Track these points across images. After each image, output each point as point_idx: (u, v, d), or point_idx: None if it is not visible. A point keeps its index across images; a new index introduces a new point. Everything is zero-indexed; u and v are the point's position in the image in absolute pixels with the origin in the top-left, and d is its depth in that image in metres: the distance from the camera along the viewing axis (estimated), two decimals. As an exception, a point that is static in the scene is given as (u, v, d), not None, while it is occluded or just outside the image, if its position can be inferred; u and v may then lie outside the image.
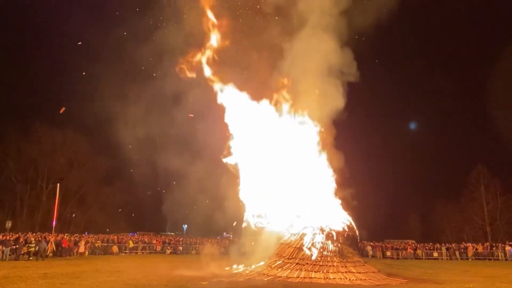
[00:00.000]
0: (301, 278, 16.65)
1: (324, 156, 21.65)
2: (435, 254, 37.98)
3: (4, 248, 24.53)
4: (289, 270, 17.42)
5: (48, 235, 30.82)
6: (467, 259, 36.09)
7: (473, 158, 52.60)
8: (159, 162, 32.26)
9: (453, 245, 40.24)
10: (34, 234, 32.84)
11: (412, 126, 63.96)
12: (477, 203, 50.91)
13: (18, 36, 62.89)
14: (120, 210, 48.70)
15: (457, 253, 37.49)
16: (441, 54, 66.87)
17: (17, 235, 29.04)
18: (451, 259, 36.63)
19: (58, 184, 34.08)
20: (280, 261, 18.28)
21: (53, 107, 50.54)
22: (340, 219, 20.16)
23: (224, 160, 22.00)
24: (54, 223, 31.71)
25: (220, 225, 23.70)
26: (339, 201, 21.03)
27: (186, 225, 57.08)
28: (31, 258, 25.40)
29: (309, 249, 18.59)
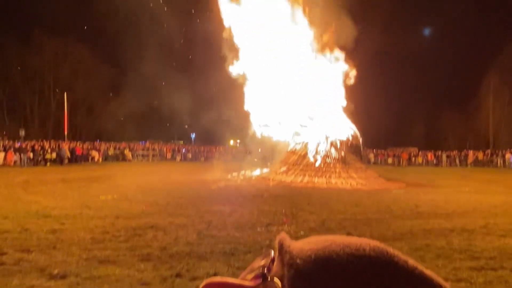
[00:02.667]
0: (304, 182, 17.53)
1: (331, 62, 21.15)
2: (435, 161, 39.23)
3: (22, 155, 25.70)
4: (293, 176, 18.28)
5: (62, 143, 31.99)
6: (467, 166, 37.28)
7: (484, 66, 51.05)
8: (165, 71, 31.86)
9: (454, 152, 41.27)
10: (48, 142, 34.08)
11: (424, 32, 60.97)
12: (484, 112, 50.88)
13: None
14: (128, 118, 49.60)
15: (457, 160, 38.63)
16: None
17: (32, 143, 30.20)
18: (451, 165, 37.87)
19: (65, 93, 34.29)
20: (285, 168, 19.08)
21: (51, 14, 48.38)
22: (345, 127, 20.45)
23: (231, 69, 21.65)
24: (66, 131, 32.66)
25: (227, 133, 24.28)
26: (345, 110, 21.12)
27: (194, 134, 58.39)
28: (48, 164, 26.76)
29: (313, 156, 19.24)
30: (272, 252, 0.36)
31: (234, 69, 21.50)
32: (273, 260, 0.36)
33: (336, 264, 0.33)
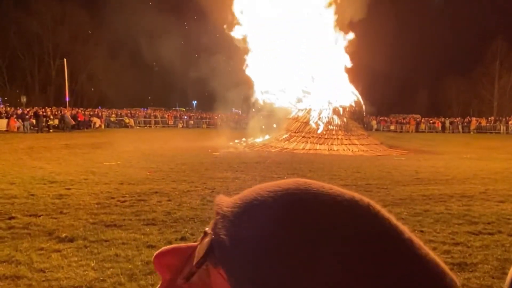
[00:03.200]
0: (306, 150, 17.62)
1: (335, 28, 20.67)
2: (440, 128, 39.12)
3: (24, 122, 25.78)
4: (296, 143, 18.35)
5: (64, 110, 31.98)
6: (470, 132, 37.22)
7: (491, 31, 49.77)
8: (166, 37, 31.27)
9: (457, 119, 41.11)
10: (50, 108, 34.07)
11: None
12: (489, 78, 50.23)
13: None
14: (130, 85, 49.24)
15: (460, 126, 38.54)
16: None
17: (34, 110, 30.21)
18: (453, 132, 37.82)
19: (65, 59, 33.91)
20: (287, 135, 19.12)
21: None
22: (348, 94, 20.30)
23: (231, 33, 21.22)
24: (67, 98, 32.54)
25: (229, 100, 24.14)
26: (348, 76, 20.87)
27: (195, 101, 58.16)
28: (51, 131, 26.87)
29: (316, 123, 19.22)
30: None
31: (236, 33, 21.08)
32: None
33: (257, 202, 0.35)
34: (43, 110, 31.05)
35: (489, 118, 40.17)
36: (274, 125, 20.41)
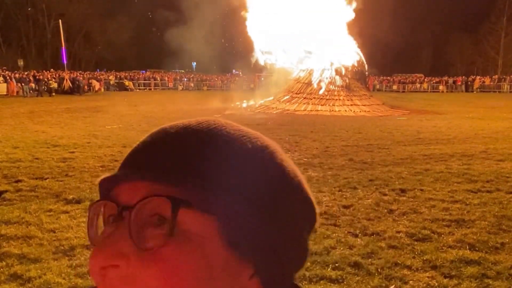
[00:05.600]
0: (307, 111, 17.56)
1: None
2: (441, 88, 38.73)
3: (24, 85, 25.53)
4: (297, 104, 18.24)
5: (62, 73, 31.59)
6: (473, 91, 36.86)
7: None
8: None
9: (461, 78, 40.57)
10: (48, 71, 33.62)
11: None
12: (495, 35, 49.00)
13: None
14: (128, 46, 48.28)
15: (463, 86, 38.11)
16: None
17: (32, 73, 29.83)
18: (457, 91, 37.45)
19: (60, 20, 33.04)
20: (288, 96, 18.97)
21: None
22: (351, 54, 19.91)
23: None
24: (65, 61, 32.00)
25: (229, 62, 23.75)
26: (351, 36, 20.37)
27: (195, 63, 57.16)
28: (53, 94, 26.67)
29: (318, 84, 19.00)
30: None
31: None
32: None
33: None
34: (41, 73, 30.68)
35: (493, 77, 39.61)
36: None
